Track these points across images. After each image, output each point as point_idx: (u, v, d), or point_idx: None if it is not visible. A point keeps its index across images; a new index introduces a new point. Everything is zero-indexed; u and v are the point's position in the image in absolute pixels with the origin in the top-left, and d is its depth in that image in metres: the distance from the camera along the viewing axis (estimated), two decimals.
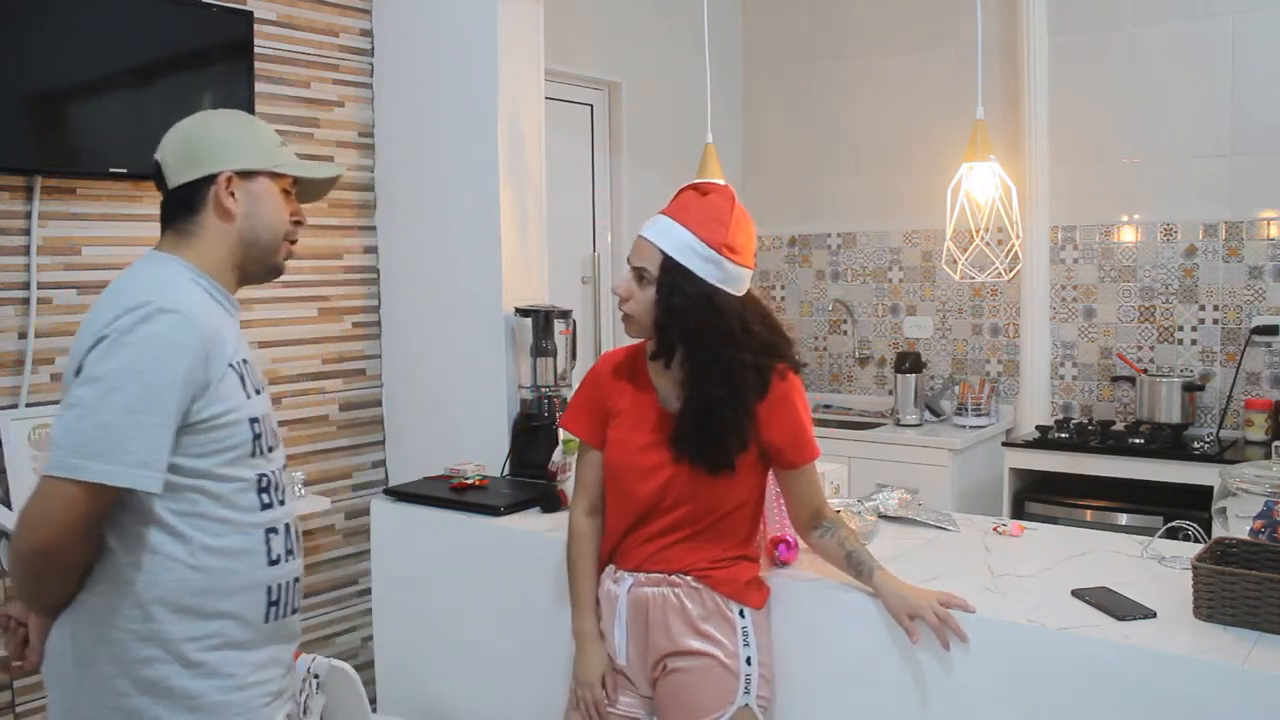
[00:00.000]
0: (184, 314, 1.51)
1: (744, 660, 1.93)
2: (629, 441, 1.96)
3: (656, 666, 1.96)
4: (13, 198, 2.61)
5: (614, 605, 2.00)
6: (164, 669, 1.52)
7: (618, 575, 2.01)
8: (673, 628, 1.93)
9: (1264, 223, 3.71)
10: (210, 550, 1.55)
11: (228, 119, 1.71)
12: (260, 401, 1.65)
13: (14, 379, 2.61)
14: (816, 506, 2.00)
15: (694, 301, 1.85)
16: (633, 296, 1.90)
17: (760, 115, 4.87)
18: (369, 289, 3.45)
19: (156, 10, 2.73)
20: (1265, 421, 3.64)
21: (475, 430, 3.12)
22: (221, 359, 1.56)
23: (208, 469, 1.54)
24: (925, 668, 1.88)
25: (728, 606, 1.95)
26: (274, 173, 1.67)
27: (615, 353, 2.09)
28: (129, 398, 1.45)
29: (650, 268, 1.87)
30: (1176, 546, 2.19)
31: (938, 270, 4.38)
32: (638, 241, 1.91)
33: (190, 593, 1.53)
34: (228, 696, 1.56)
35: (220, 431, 1.55)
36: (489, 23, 3.05)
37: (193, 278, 1.61)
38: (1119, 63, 3.93)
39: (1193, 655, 1.66)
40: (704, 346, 1.86)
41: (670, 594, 1.94)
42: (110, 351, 1.47)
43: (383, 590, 2.80)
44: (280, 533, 1.64)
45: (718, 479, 1.91)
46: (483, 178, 3.09)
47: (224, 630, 1.56)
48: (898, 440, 3.98)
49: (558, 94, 3.95)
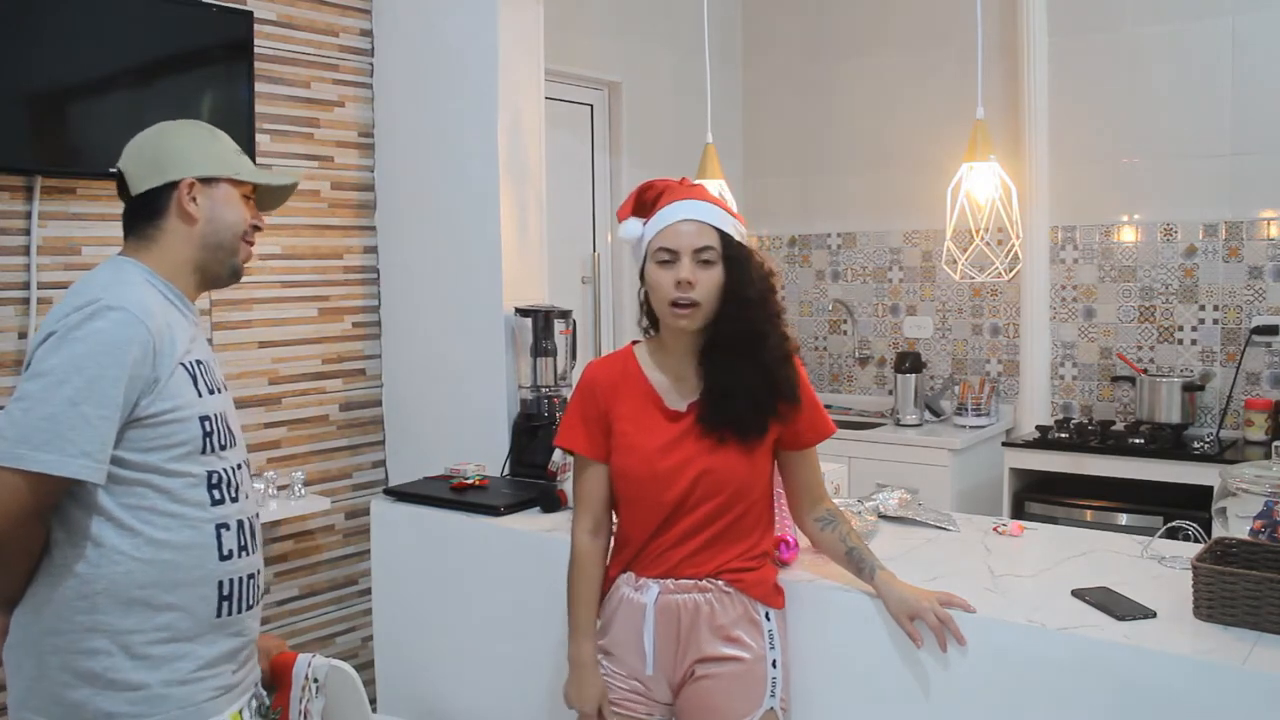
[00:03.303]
0: (130, 311, 1.56)
1: (770, 663, 1.90)
2: (641, 448, 1.89)
3: (684, 675, 1.91)
4: (13, 198, 2.61)
5: (639, 614, 1.91)
6: (109, 660, 1.56)
7: (640, 583, 1.92)
8: (703, 634, 1.89)
9: (1264, 223, 3.71)
10: (157, 544, 1.58)
11: (188, 129, 1.75)
12: (215, 401, 1.68)
13: (13, 379, 2.61)
14: (819, 494, 1.99)
15: (759, 276, 1.86)
16: (699, 282, 1.82)
17: (760, 115, 4.87)
18: (369, 289, 3.45)
19: (156, 10, 2.73)
20: (1265, 421, 3.63)
21: (475, 430, 3.12)
22: (171, 356, 1.60)
23: (156, 464, 1.58)
24: (925, 667, 1.88)
25: (755, 609, 1.91)
26: (234, 179, 1.73)
27: (601, 361, 2.03)
28: (73, 391, 1.50)
29: (714, 245, 1.84)
30: (1176, 546, 2.19)
31: (938, 270, 4.38)
32: (683, 226, 1.84)
33: (137, 585, 1.57)
34: (171, 690, 1.59)
35: (168, 427, 1.59)
36: (489, 22, 3.05)
37: (148, 279, 1.66)
38: (1119, 63, 3.93)
39: (1193, 655, 1.66)
40: (760, 322, 1.85)
41: (701, 600, 1.89)
42: (56, 347, 1.53)
43: (383, 590, 2.80)
44: (232, 528, 1.67)
45: (749, 458, 1.88)
46: (483, 178, 3.09)
47: (173, 623, 1.59)
48: (898, 440, 3.98)
49: (558, 94, 3.94)
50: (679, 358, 1.92)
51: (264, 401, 3.17)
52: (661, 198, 1.92)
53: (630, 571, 1.95)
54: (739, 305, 1.84)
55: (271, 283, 3.17)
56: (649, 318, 1.97)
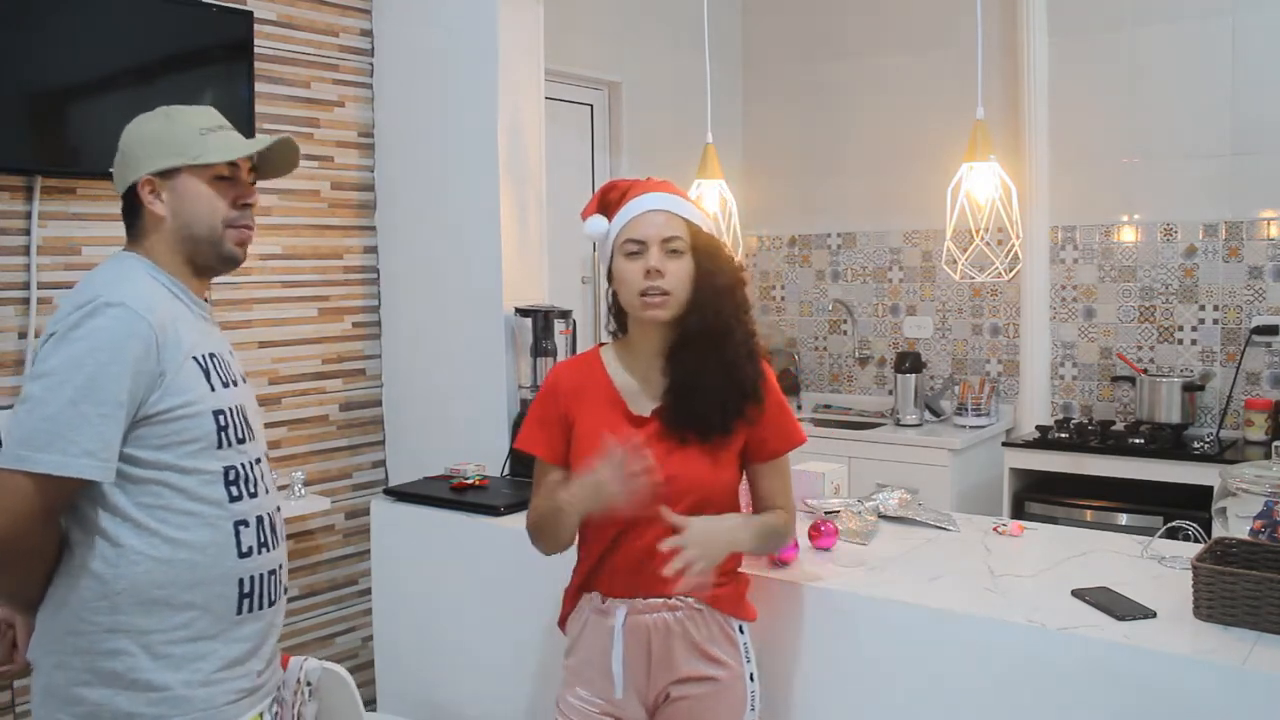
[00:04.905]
0: (129, 306, 1.54)
1: (748, 678, 1.86)
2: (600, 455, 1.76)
3: (658, 696, 1.85)
4: (13, 198, 2.61)
5: (607, 637, 1.84)
6: (130, 661, 1.55)
7: (606, 604, 1.85)
8: (677, 654, 1.82)
9: (1264, 223, 3.71)
10: (174, 543, 1.57)
11: (144, 122, 1.69)
12: (230, 394, 1.66)
13: (14, 379, 2.61)
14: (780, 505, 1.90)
15: (728, 265, 1.83)
16: (668, 272, 1.79)
17: (760, 115, 4.87)
18: (369, 289, 3.45)
19: (156, 10, 2.73)
20: (1265, 421, 3.63)
21: (475, 430, 3.12)
22: (177, 350, 1.58)
23: (170, 461, 1.57)
24: (924, 667, 1.88)
25: (729, 625, 1.87)
26: (193, 165, 1.64)
27: (566, 364, 2.00)
28: (73, 390, 1.48)
29: (682, 235, 1.82)
30: (1176, 546, 2.19)
31: (938, 270, 4.38)
32: (650, 217, 1.82)
33: (156, 585, 1.55)
34: (192, 691, 1.57)
35: (180, 423, 1.57)
36: (489, 22, 3.05)
37: (151, 274, 1.64)
38: (1119, 63, 3.93)
39: (1193, 655, 1.66)
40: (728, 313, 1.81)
41: (672, 619, 1.82)
42: (56, 347, 1.52)
43: (383, 590, 2.80)
44: (252, 525, 1.65)
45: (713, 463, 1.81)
46: (483, 178, 3.09)
47: (193, 622, 1.58)
48: (898, 440, 3.98)
49: (558, 94, 3.94)
50: (647, 359, 1.87)
51: (264, 401, 3.16)
52: (626, 194, 1.90)
53: (595, 592, 1.88)
54: (709, 295, 1.81)
55: (271, 283, 3.17)
56: (616, 319, 1.93)
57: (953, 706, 1.85)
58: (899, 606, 1.93)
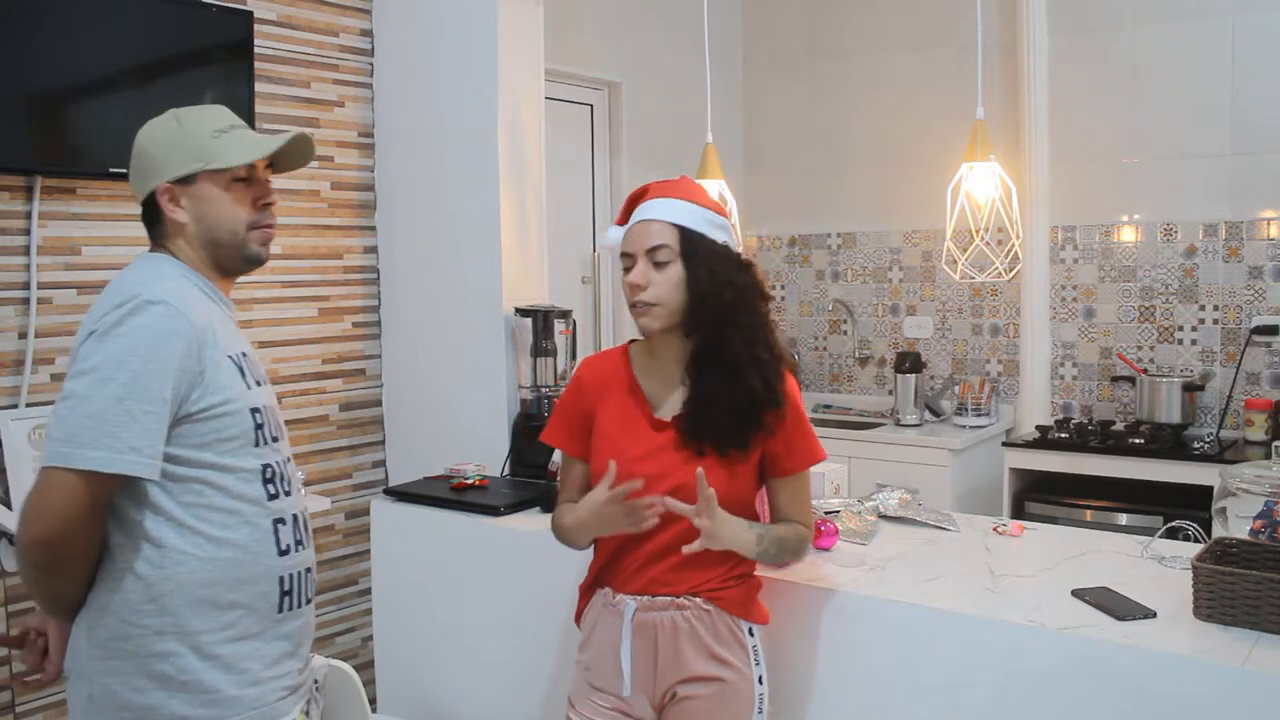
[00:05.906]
0: (171, 304, 1.54)
1: (756, 680, 1.86)
2: (619, 454, 1.80)
3: (665, 695, 1.85)
4: (13, 198, 2.61)
5: (615, 633, 1.85)
6: (181, 662, 1.54)
7: (616, 600, 1.87)
8: (685, 653, 1.82)
9: (1264, 223, 3.71)
10: (217, 542, 1.56)
11: (155, 128, 1.67)
12: (262, 393, 1.67)
13: (14, 379, 2.61)
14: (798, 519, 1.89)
15: (728, 265, 1.80)
16: (651, 283, 1.79)
17: (760, 115, 4.87)
18: (369, 289, 3.45)
19: (156, 10, 2.73)
20: (1265, 421, 3.64)
21: (475, 430, 3.12)
22: (216, 349, 1.58)
23: (211, 460, 1.56)
24: (924, 667, 1.88)
25: (738, 626, 1.86)
26: (212, 169, 1.64)
27: (595, 358, 2.00)
28: (118, 387, 1.47)
29: (669, 243, 1.78)
30: (1176, 546, 2.19)
31: (938, 270, 4.38)
32: (638, 227, 1.81)
33: (202, 584, 1.55)
34: (243, 691, 1.57)
35: (219, 420, 1.57)
36: (489, 22, 3.05)
37: (183, 273, 1.64)
38: (1119, 63, 3.93)
39: (1193, 655, 1.66)
40: (737, 319, 1.79)
41: (680, 618, 1.82)
42: (99, 344, 1.50)
43: (383, 590, 2.80)
44: (288, 523, 1.66)
45: (730, 475, 1.81)
46: (483, 178, 3.09)
47: (239, 621, 1.58)
48: (898, 440, 3.98)
49: (558, 94, 3.94)
50: (667, 365, 1.87)
51: None
52: (638, 202, 1.88)
53: (607, 587, 1.90)
54: (702, 302, 1.79)
55: (271, 283, 3.17)
56: None
57: (952, 706, 1.85)
58: (899, 606, 1.93)
